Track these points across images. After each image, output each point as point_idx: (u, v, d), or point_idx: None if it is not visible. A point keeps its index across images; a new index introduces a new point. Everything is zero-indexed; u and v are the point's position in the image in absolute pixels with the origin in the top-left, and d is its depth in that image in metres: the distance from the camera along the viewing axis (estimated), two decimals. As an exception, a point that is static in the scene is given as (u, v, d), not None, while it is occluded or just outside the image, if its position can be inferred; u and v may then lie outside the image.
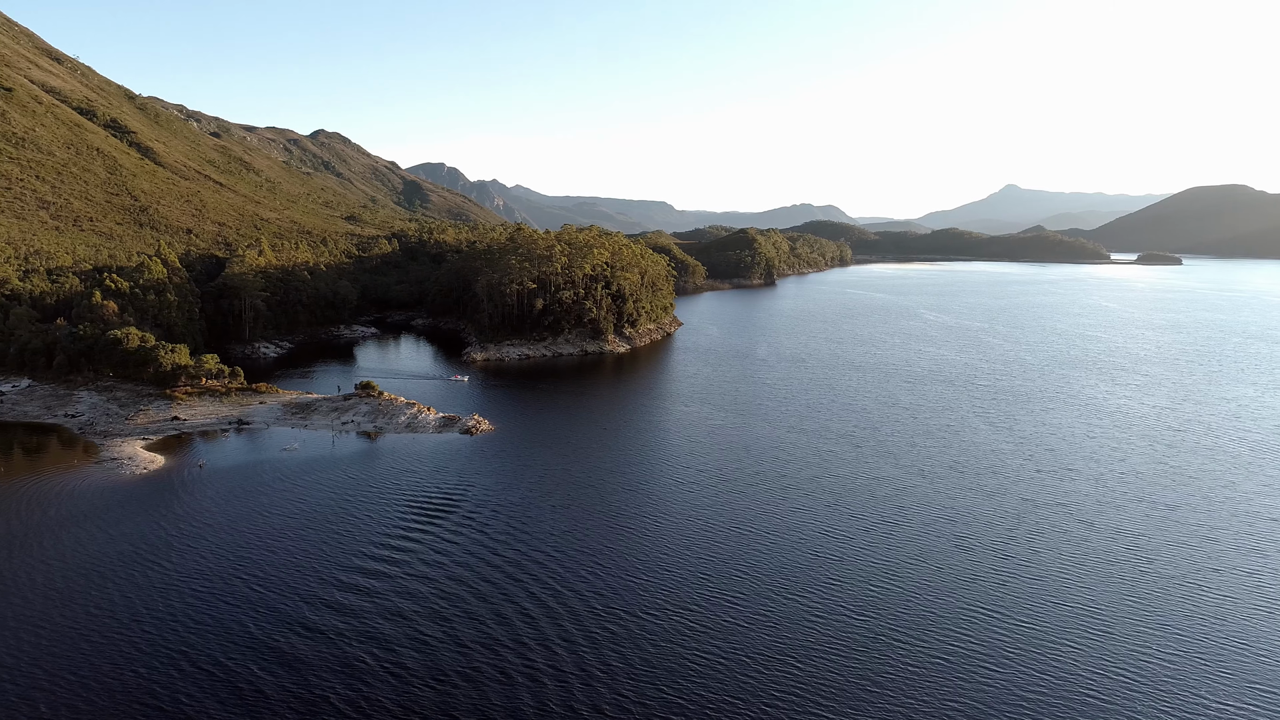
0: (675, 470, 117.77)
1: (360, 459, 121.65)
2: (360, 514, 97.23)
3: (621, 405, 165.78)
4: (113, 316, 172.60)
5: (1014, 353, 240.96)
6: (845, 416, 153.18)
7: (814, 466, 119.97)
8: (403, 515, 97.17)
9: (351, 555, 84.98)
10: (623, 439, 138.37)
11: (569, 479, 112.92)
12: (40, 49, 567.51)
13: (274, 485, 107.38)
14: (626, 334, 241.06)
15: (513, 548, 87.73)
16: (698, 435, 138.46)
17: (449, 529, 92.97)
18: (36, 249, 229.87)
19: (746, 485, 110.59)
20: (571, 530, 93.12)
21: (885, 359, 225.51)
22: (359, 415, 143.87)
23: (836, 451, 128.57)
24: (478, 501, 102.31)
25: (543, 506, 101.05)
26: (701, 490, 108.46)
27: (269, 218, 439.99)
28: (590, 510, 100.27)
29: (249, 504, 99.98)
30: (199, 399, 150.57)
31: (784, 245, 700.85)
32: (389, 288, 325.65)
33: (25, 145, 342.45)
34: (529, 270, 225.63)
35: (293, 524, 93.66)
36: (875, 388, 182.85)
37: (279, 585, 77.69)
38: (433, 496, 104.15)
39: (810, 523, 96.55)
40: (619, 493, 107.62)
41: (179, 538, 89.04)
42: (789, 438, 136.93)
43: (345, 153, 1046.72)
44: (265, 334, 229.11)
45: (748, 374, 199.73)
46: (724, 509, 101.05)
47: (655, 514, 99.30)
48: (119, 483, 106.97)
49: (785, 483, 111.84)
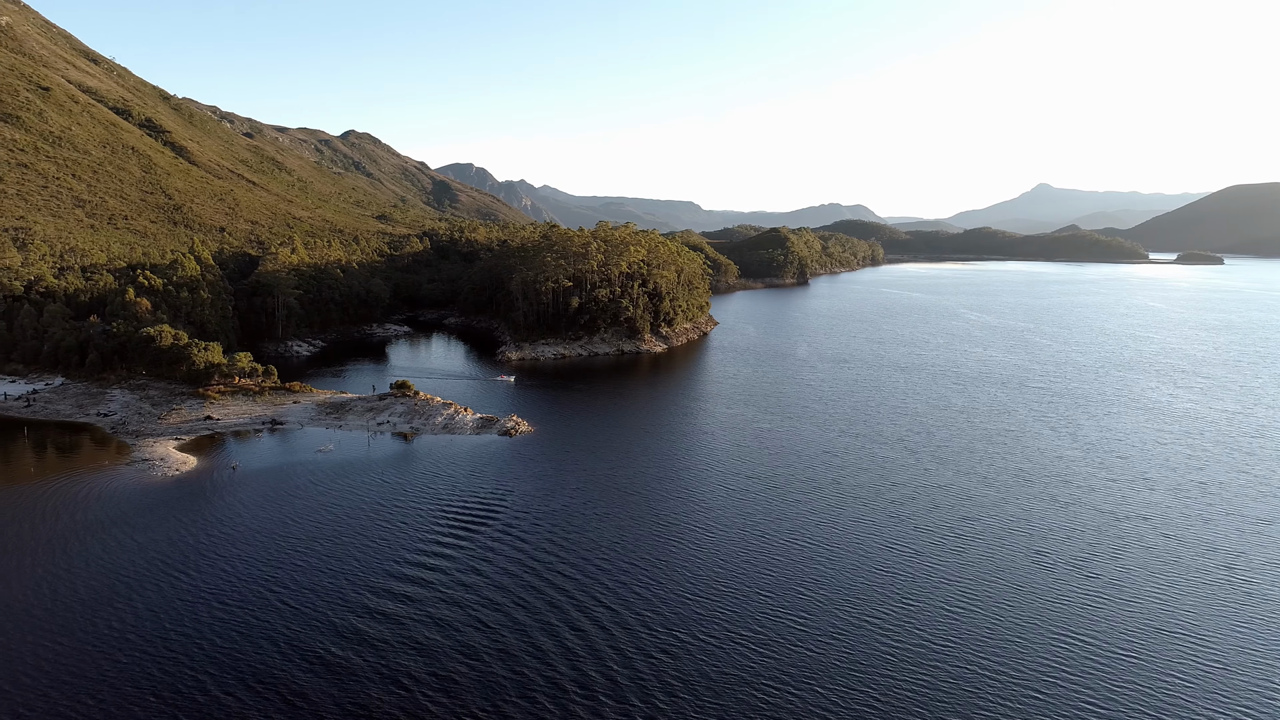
0: (723, 476, 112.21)
1: (396, 462, 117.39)
2: (397, 521, 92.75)
3: (662, 407, 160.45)
4: (146, 314, 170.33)
5: (1064, 354, 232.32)
6: (896, 420, 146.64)
7: (870, 474, 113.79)
8: (441, 523, 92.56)
9: (388, 564, 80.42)
10: (665, 443, 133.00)
11: (612, 485, 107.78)
12: (78, 50, 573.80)
13: (308, 489, 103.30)
14: (663, 333, 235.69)
15: (558, 559, 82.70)
16: (744, 439, 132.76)
17: (489, 538, 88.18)
18: (71, 246, 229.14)
19: (800, 493, 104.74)
20: (618, 541, 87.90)
21: (931, 360, 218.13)
22: (394, 416, 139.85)
23: (892, 457, 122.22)
24: (518, 509, 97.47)
25: (587, 515, 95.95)
26: (753, 498, 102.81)
27: (301, 216, 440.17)
28: (636, 519, 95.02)
29: (282, 509, 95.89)
30: (232, 398, 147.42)
31: (816, 244, 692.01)
32: (421, 286, 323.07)
33: (62, 144, 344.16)
34: (564, 268, 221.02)
35: (326, 531, 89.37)
36: (924, 389, 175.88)
37: (312, 595, 73.23)
38: (471, 503, 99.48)
39: (873, 535, 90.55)
40: (665, 500, 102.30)
41: (210, 544, 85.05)
42: (840, 442, 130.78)
43: (375, 153, 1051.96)
44: (298, 332, 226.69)
45: (790, 375, 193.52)
46: (778, 519, 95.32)
47: (705, 524, 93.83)
48: (150, 485, 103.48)
49: (841, 491, 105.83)
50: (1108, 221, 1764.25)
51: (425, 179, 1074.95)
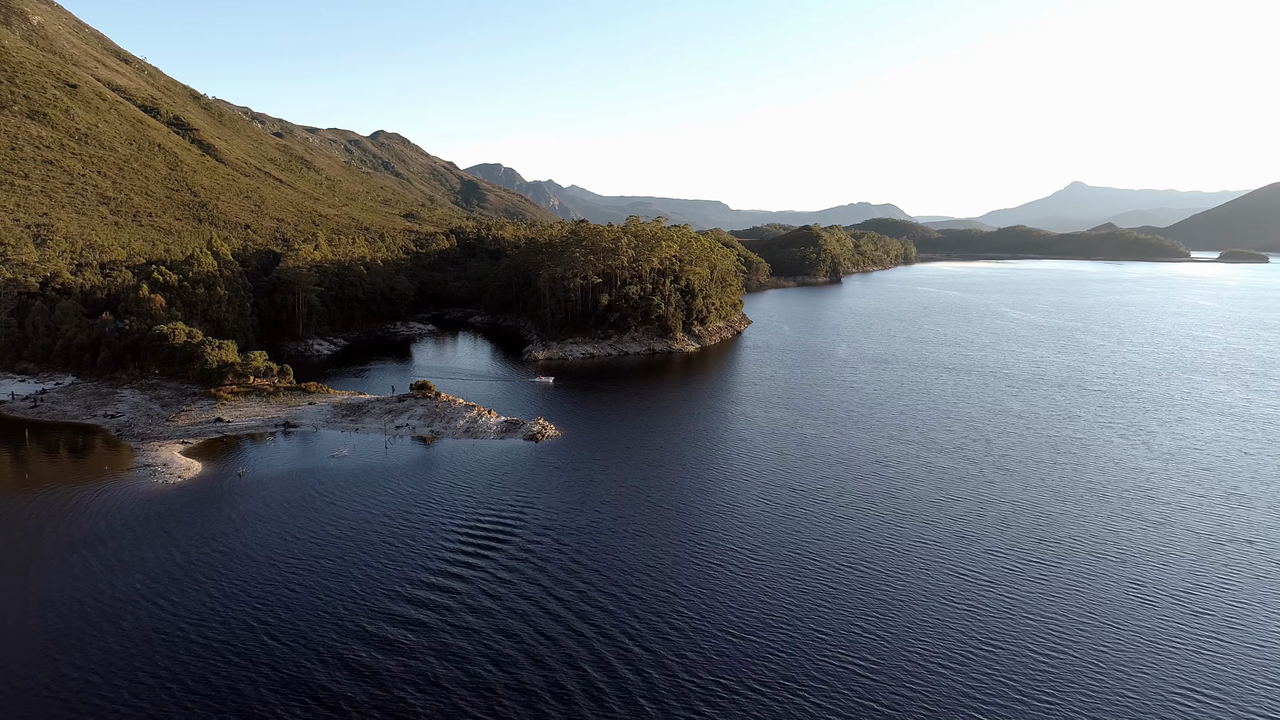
0: (766, 489, 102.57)
1: (413, 469, 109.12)
2: (407, 539, 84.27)
3: (697, 410, 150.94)
4: (160, 311, 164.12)
5: (1121, 354, 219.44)
6: (950, 425, 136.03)
7: (928, 486, 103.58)
8: (455, 541, 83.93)
9: (391, 590, 71.87)
10: (702, 449, 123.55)
11: (645, 498, 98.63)
12: (109, 50, 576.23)
13: (315, 500, 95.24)
14: (696, 332, 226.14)
15: (583, 587, 73.59)
16: (786, 446, 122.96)
17: (507, 559, 79.33)
18: (90, 242, 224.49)
19: (853, 509, 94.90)
20: (652, 565, 78.70)
21: (979, 360, 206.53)
22: (414, 418, 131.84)
23: (951, 468, 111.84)
24: (541, 525, 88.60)
25: (616, 533, 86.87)
26: (801, 514, 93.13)
27: (328, 214, 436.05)
28: (672, 539, 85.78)
29: (284, 524, 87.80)
30: (245, 399, 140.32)
31: (848, 242, 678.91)
32: (446, 284, 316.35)
33: (88, 141, 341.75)
34: (594, 264, 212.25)
35: (329, 550, 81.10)
36: (976, 392, 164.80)
37: (302, 624, 64.91)
38: (490, 518, 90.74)
39: (940, 559, 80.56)
40: (704, 516, 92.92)
41: (200, 564, 77.06)
42: (891, 450, 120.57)
43: (404, 153, 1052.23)
44: (319, 330, 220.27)
45: (831, 376, 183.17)
46: (831, 539, 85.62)
47: (749, 544, 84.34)
48: (148, 494, 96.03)
49: (898, 506, 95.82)
50: (1144, 220, 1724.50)
51: (454, 179, 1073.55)
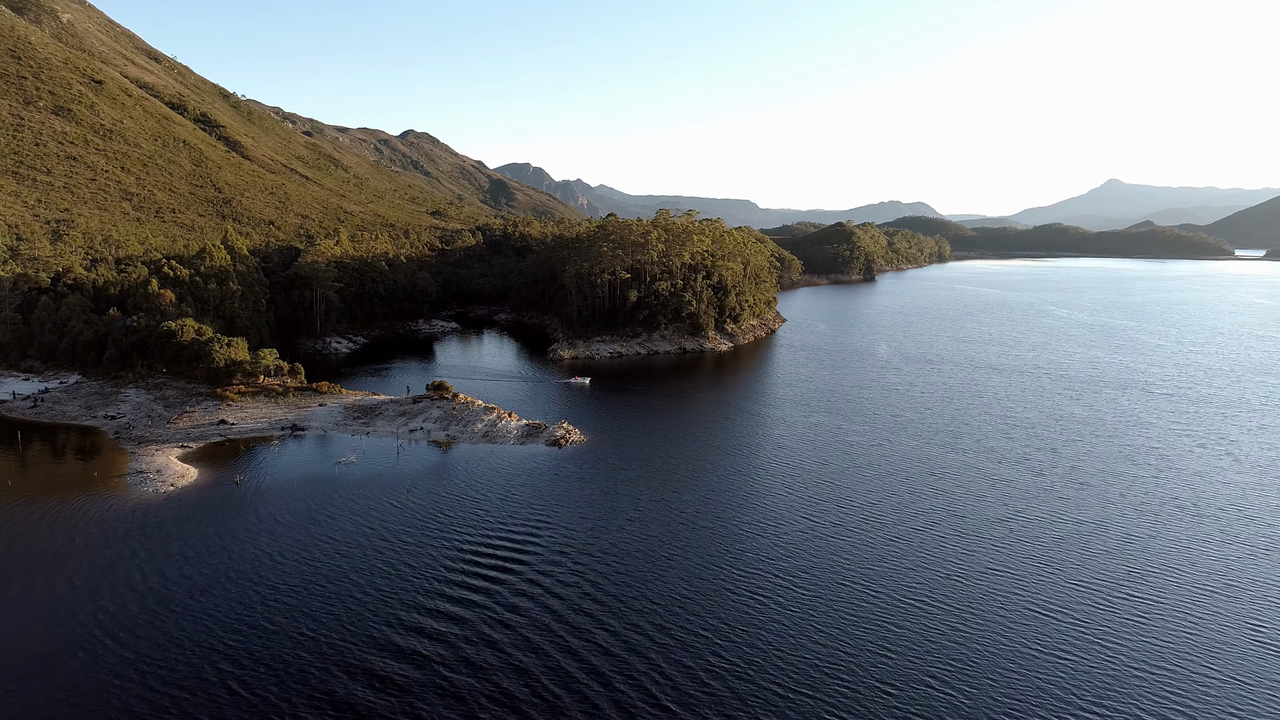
0: (812, 505, 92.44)
1: (425, 478, 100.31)
2: (409, 562, 75.27)
3: (732, 413, 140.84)
4: (169, 307, 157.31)
5: (1182, 355, 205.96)
6: (1009, 432, 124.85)
7: (994, 504, 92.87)
8: (461, 566, 74.71)
9: (383, 624, 62.92)
10: (738, 458, 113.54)
11: (676, 515, 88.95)
12: (139, 49, 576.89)
13: (313, 513, 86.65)
14: (728, 330, 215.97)
15: (601, 629, 64.11)
16: (831, 455, 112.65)
17: (516, 589, 70.00)
18: (107, 237, 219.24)
19: (911, 530, 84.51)
20: (684, 598, 68.98)
21: (1030, 361, 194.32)
22: (429, 421, 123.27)
23: (1015, 481, 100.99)
24: (558, 547, 79.14)
25: (643, 557, 77.23)
26: (853, 537, 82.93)
27: (353, 211, 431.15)
28: (707, 564, 75.99)
29: (275, 543, 79.18)
30: (252, 399, 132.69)
31: (881, 240, 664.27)
32: (471, 281, 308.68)
33: (113, 137, 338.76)
34: (622, 259, 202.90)
35: (321, 574, 72.32)
36: (1032, 395, 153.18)
37: (276, 667, 56.20)
38: (503, 537, 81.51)
39: (1021, 595, 70.03)
40: (741, 537, 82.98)
41: (174, 591, 68.61)
42: (947, 461, 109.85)
43: (434, 152, 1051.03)
44: (338, 328, 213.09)
45: (873, 377, 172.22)
46: (889, 567, 75.38)
47: (794, 572, 74.35)
48: (132, 506, 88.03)
49: (963, 527, 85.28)
50: (1184, 218, 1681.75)
51: (482, 178, 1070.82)
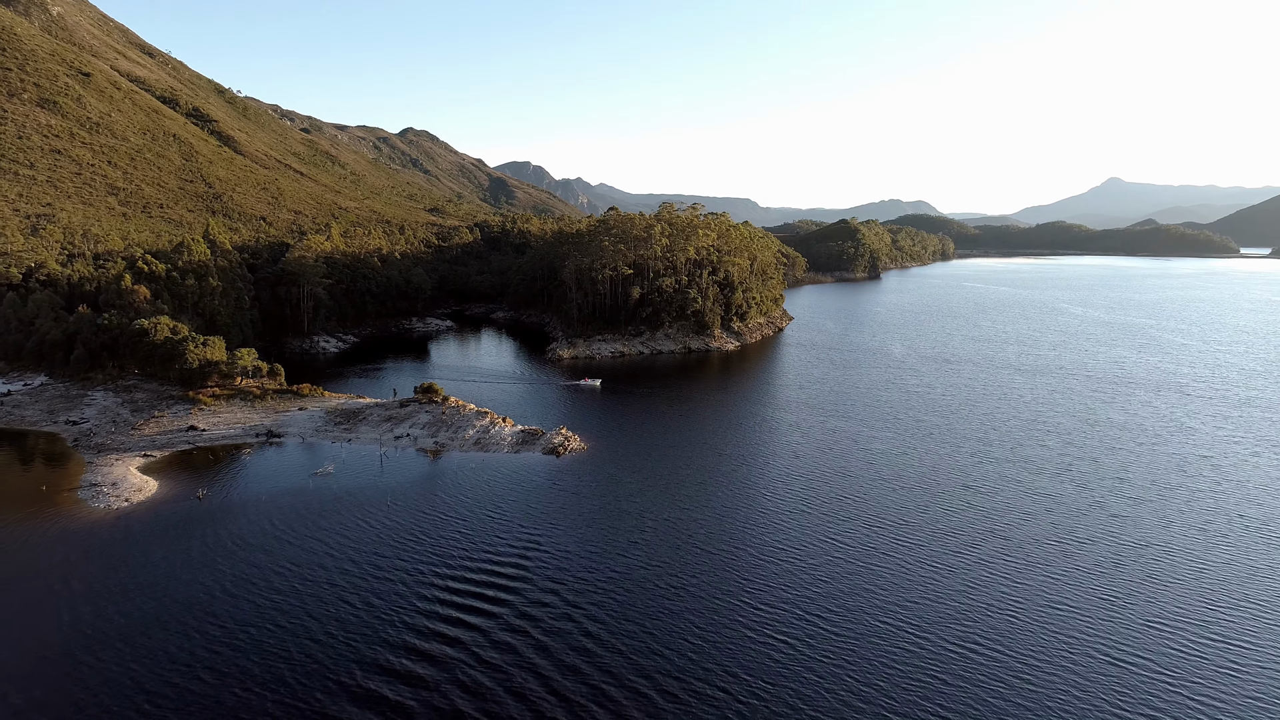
0: (834, 523, 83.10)
1: (409, 492, 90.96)
2: (382, 594, 66.00)
3: (743, 419, 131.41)
4: (144, 304, 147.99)
5: (1211, 354, 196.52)
6: (1044, 439, 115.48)
7: (1040, 522, 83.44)
8: (439, 600, 65.47)
9: (342, 672, 53.70)
10: (752, 469, 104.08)
11: (686, 537, 79.57)
12: (133, 43, 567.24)
13: (282, 534, 77.19)
14: (735, 329, 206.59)
15: (600, 676, 54.88)
16: (851, 464, 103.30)
17: (497, 634, 60.85)
18: (85, 231, 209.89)
19: (951, 556, 75.10)
20: (695, 641, 59.73)
21: (1053, 361, 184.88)
22: (416, 427, 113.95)
23: (1060, 496, 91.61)
24: (551, 576, 69.74)
25: (649, 590, 67.86)
26: (885, 564, 73.57)
27: (349, 207, 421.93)
28: (724, 597, 66.68)
29: (233, 569, 69.84)
30: (227, 402, 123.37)
31: (886, 237, 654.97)
32: (469, 278, 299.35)
33: (100, 130, 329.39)
34: (624, 254, 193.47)
35: (279, 609, 63.08)
36: (1061, 397, 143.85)
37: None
38: (488, 565, 72.22)
39: (1088, 636, 60.75)
40: (759, 564, 73.55)
41: (107, 636, 59.33)
42: (981, 472, 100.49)
43: (433, 150, 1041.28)
44: (327, 326, 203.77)
45: (889, 378, 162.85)
46: (932, 603, 66.07)
47: (821, 608, 65.10)
48: (81, 525, 78.73)
49: (1010, 551, 75.87)
50: (1185, 216, 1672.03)
51: (482, 176, 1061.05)
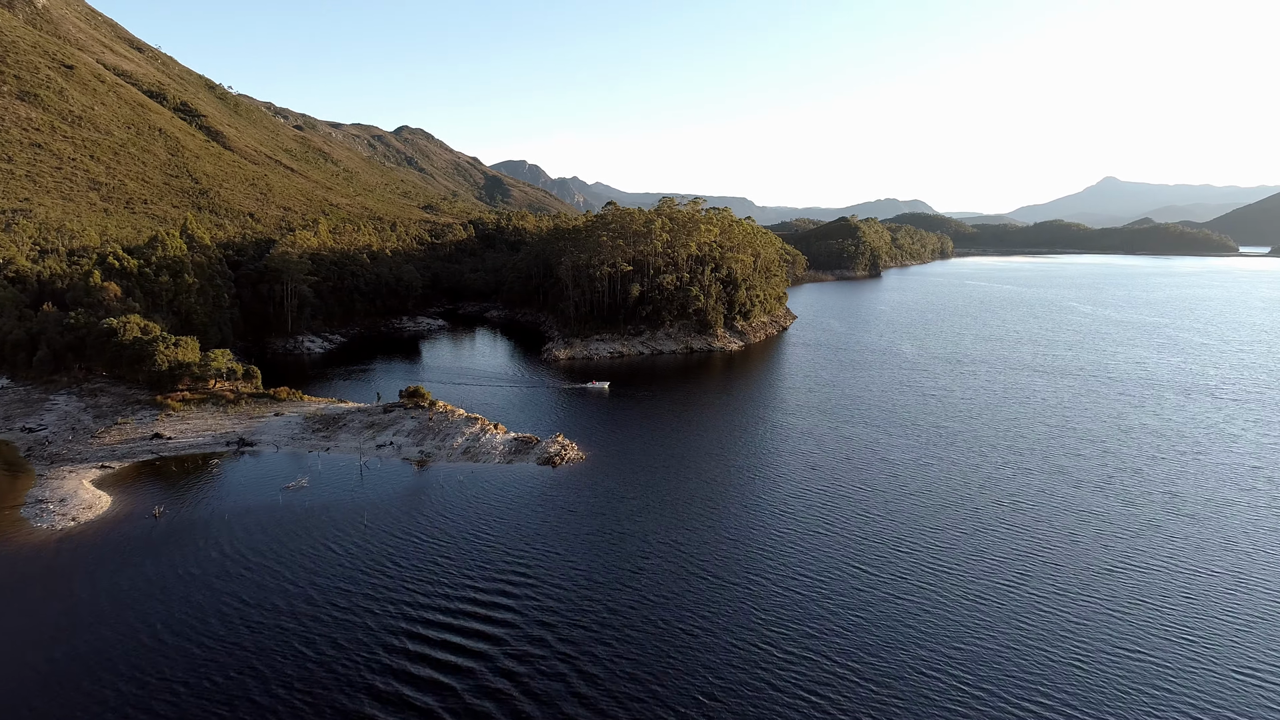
0: (865, 548, 74.76)
1: (387, 509, 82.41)
2: (340, 636, 57.44)
3: (752, 425, 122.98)
4: (114, 302, 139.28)
5: (1235, 355, 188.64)
6: (1078, 448, 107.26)
7: (1090, 546, 75.10)
8: (410, 644, 57.12)
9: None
10: (765, 481, 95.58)
11: (696, 564, 71.20)
12: (121, 38, 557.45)
13: (239, 560, 68.55)
14: (739, 328, 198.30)
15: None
16: (874, 477, 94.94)
17: (475, 687, 52.51)
18: (60, 226, 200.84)
19: (1002, 590, 66.74)
20: (718, 691, 51.40)
21: (1071, 362, 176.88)
22: (401, 434, 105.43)
23: (1107, 513, 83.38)
24: (542, 612, 61.22)
25: (656, 631, 59.41)
26: (926, 597, 65.26)
27: (339, 203, 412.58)
28: (743, 641, 58.29)
29: (172, 606, 61.16)
30: (198, 407, 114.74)
31: (885, 235, 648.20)
32: (462, 276, 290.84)
33: (82, 124, 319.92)
34: (623, 249, 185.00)
35: (216, 657, 54.57)
36: (1087, 401, 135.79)
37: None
38: (466, 602, 63.90)
39: (1170, 688, 52.66)
40: (785, 600, 65.15)
41: (18, 690, 50.96)
42: (1014, 485, 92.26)
43: (428, 148, 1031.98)
44: (313, 325, 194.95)
45: (903, 381, 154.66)
46: (989, 647, 57.85)
47: (862, 657, 56.78)
48: (16, 548, 70.02)
49: (1065, 583, 67.48)
50: (1181, 215, 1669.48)
51: (478, 174, 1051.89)
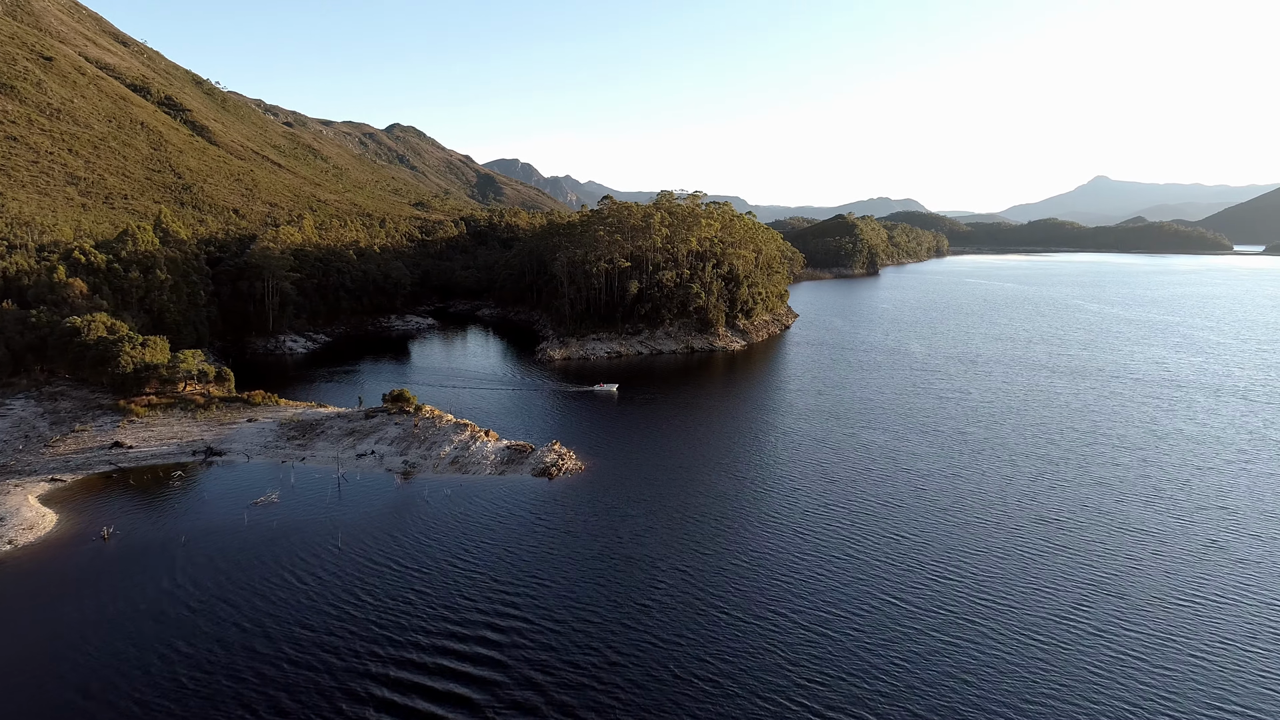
0: (899, 575, 66.77)
1: (364, 531, 73.98)
2: (288, 694, 49.46)
3: (760, 431, 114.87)
4: (79, 299, 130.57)
5: (1256, 354, 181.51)
6: (1116, 456, 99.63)
7: (1151, 571, 67.30)
8: (372, 706, 49.08)
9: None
10: (781, 496, 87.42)
11: (713, 596, 63.06)
12: (106, 31, 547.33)
13: (190, 591, 59.96)
14: (740, 326, 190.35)
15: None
16: (899, 491, 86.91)
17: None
18: (28, 221, 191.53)
19: (1053, 623, 58.94)
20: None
21: (1088, 362, 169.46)
22: (383, 443, 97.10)
23: (1163, 532, 75.56)
24: (532, 663, 52.98)
25: (671, 683, 51.55)
26: (974, 636, 57.38)
27: (328, 199, 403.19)
28: (767, 688, 50.42)
29: (105, 650, 52.74)
30: (164, 413, 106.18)
31: (882, 233, 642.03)
32: (453, 273, 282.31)
33: (60, 117, 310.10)
34: (621, 244, 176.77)
35: (172, 696, 46.43)
36: (1113, 404, 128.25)
37: None
38: (442, 647, 55.82)
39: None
40: (812, 637, 57.13)
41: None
42: (1053, 499, 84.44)
43: (420, 146, 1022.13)
44: (295, 324, 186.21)
45: (917, 382, 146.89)
46: (1047, 698, 50.05)
47: (903, 709, 48.94)
48: (-61, 576, 61.80)
49: (1129, 615, 59.71)
50: (1172, 214, 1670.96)
51: (470, 172, 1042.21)
